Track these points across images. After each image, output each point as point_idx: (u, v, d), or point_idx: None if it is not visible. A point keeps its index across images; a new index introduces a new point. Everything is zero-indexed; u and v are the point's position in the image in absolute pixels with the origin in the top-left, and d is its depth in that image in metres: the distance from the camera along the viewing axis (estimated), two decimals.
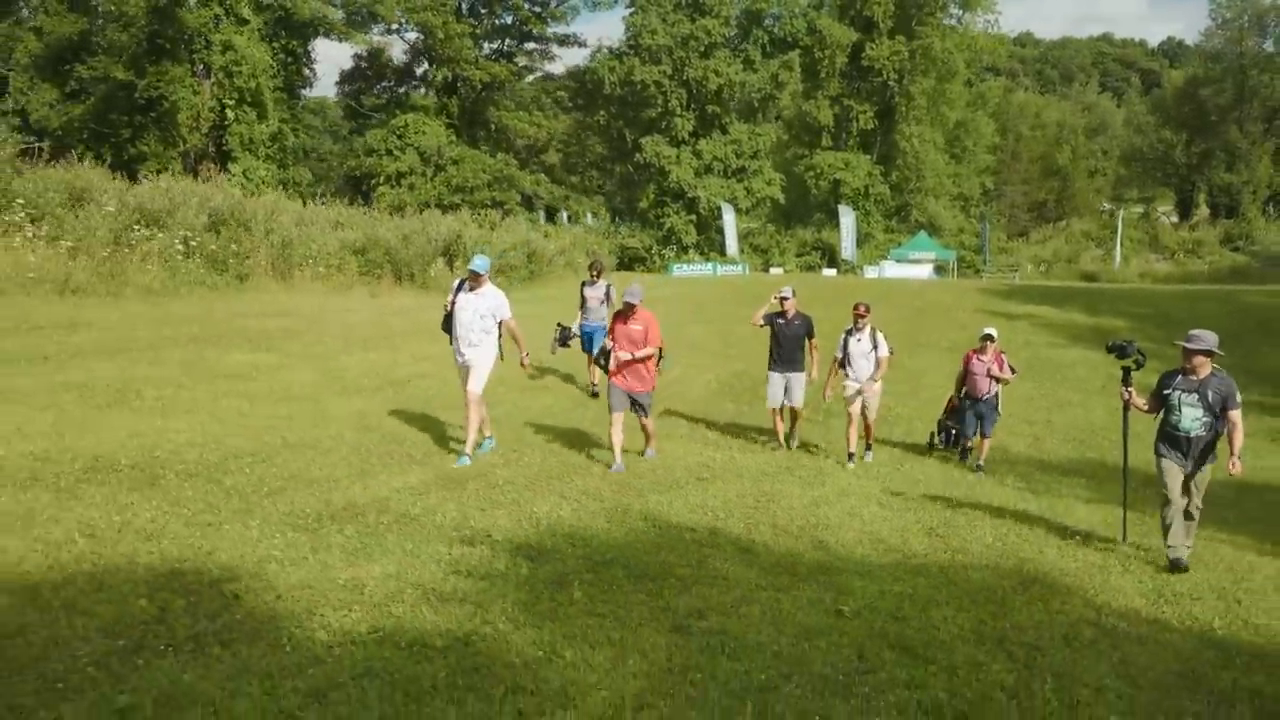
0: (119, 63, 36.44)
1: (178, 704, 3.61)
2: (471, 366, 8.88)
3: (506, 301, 9.06)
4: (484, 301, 8.90)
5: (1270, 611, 6.11)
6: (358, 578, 5.21)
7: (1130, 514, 7.93)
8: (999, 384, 11.01)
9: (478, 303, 8.88)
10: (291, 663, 4.05)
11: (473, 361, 8.89)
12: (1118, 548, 7.61)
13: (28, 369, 10.62)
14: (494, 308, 8.92)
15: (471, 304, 8.88)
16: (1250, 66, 66.65)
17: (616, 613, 5.06)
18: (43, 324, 13.18)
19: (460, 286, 9.04)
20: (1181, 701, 4.60)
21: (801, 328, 10.69)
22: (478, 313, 8.87)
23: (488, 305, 8.90)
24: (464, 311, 8.89)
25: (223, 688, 3.77)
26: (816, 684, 4.35)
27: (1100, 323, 25.58)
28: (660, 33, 49.11)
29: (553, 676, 4.16)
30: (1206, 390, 7.15)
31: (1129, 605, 6.16)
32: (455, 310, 8.95)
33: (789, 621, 5.17)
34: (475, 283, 8.90)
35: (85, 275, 16.08)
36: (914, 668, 4.64)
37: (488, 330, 8.92)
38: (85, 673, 3.83)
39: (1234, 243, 56.07)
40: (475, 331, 8.88)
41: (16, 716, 3.53)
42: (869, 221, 54.02)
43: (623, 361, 9.11)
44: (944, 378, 15.42)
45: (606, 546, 6.28)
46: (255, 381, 11.92)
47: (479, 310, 8.87)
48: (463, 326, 8.92)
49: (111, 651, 4.03)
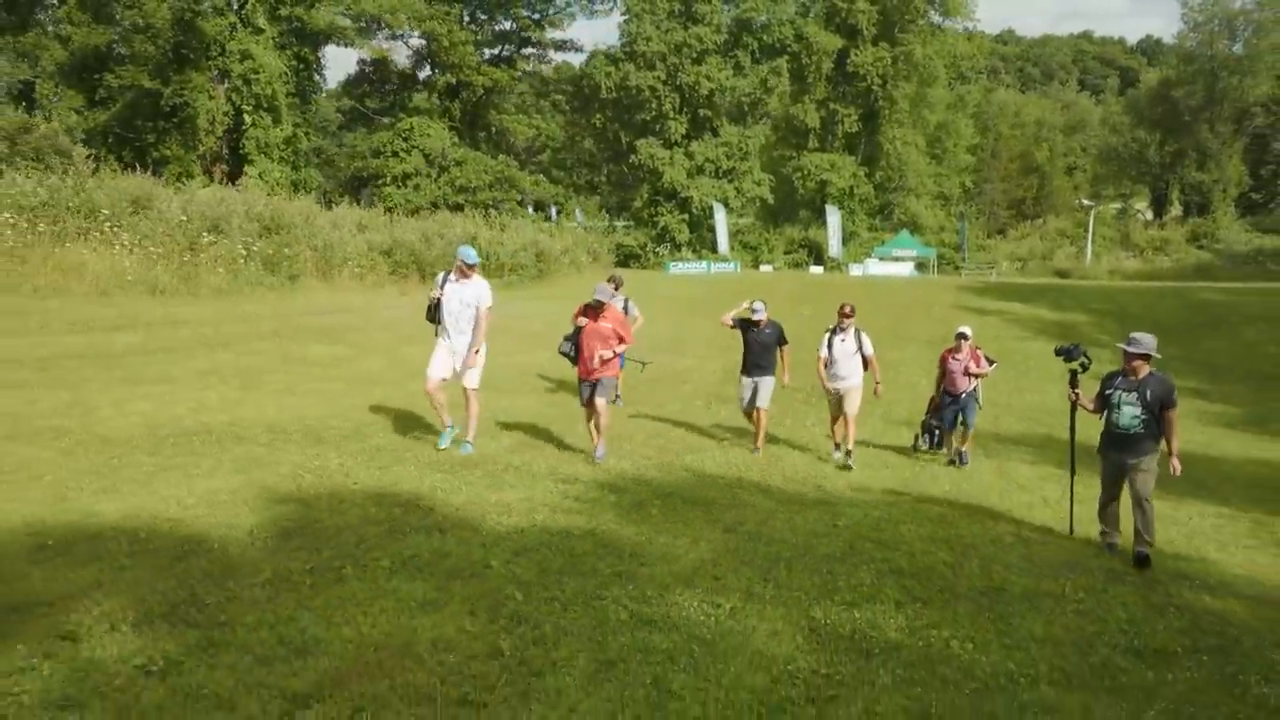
0: (145, 71, 38.47)
1: (432, 558, 5.91)
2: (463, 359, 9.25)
3: (489, 291, 9.29)
4: (470, 291, 9.15)
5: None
6: (503, 500, 7.52)
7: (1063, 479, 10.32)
8: (978, 379, 11.34)
9: (464, 292, 9.13)
10: (490, 539, 6.37)
11: (463, 350, 9.22)
12: (1044, 493, 9.99)
13: (165, 359, 12.87)
14: (478, 296, 9.15)
15: (458, 294, 9.14)
16: (1220, 69, 68.82)
17: (683, 522, 7.38)
18: (151, 321, 15.43)
19: (446, 278, 9.28)
20: (1066, 575, 6.95)
21: (772, 335, 11.00)
22: (465, 302, 9.12)
23: (473, 294, 9.15)
24: (451, 301, 9.15)
25: (454, 551, 6.07)
26: (822, 559, 6.68)
27: (1064, 318, 28.17)
28: (655, 39, 51.43)
29: (653, 551, 6.49)
30: (1145, 390, 7.55)
31: (1043, 525, 8.56)
32: (444, 300, 9.17)
33: (800, 529, 7.51)
34: (464, 273, 9.15)
35: (169, 278, 18.32)
36: (885, 552, 6.99)
37: (475, 319, 9.20)
38: (368, 543, 6.12)
39: (1200, 241, 58.69)
40: (464, 320, 9.15)
41: (329, 568, 5.79)
42: (854, 220, 56.55)
43: (604, 359, 9.41)
44: (922, 369, 17.84)
45: (664, 486, 8.61)
46: (340, 369, 14.19)
47: (465, 300, 9.13)
48: (451, 315, 9.18)
49: (376, 533, 6.33)
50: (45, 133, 24.65)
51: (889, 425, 13.75)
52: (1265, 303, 29.92)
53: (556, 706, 3.88)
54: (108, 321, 14.90)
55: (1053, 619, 5.73)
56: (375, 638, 4.44)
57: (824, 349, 10.89)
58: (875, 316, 22.46)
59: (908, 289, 34.87)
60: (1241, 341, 25.02)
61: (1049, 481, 10.62)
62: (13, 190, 17.68)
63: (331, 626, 4.54)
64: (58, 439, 8.05)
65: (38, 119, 26.58)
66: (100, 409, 9.50)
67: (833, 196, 55.13)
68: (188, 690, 3.78)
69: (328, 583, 5.22)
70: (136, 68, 38.69)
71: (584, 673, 4.25)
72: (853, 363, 10.77)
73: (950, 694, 4.40)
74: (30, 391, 9.97)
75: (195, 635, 4.31)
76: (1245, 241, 53.85)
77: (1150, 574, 7.12)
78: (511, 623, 4.78)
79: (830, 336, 10.89)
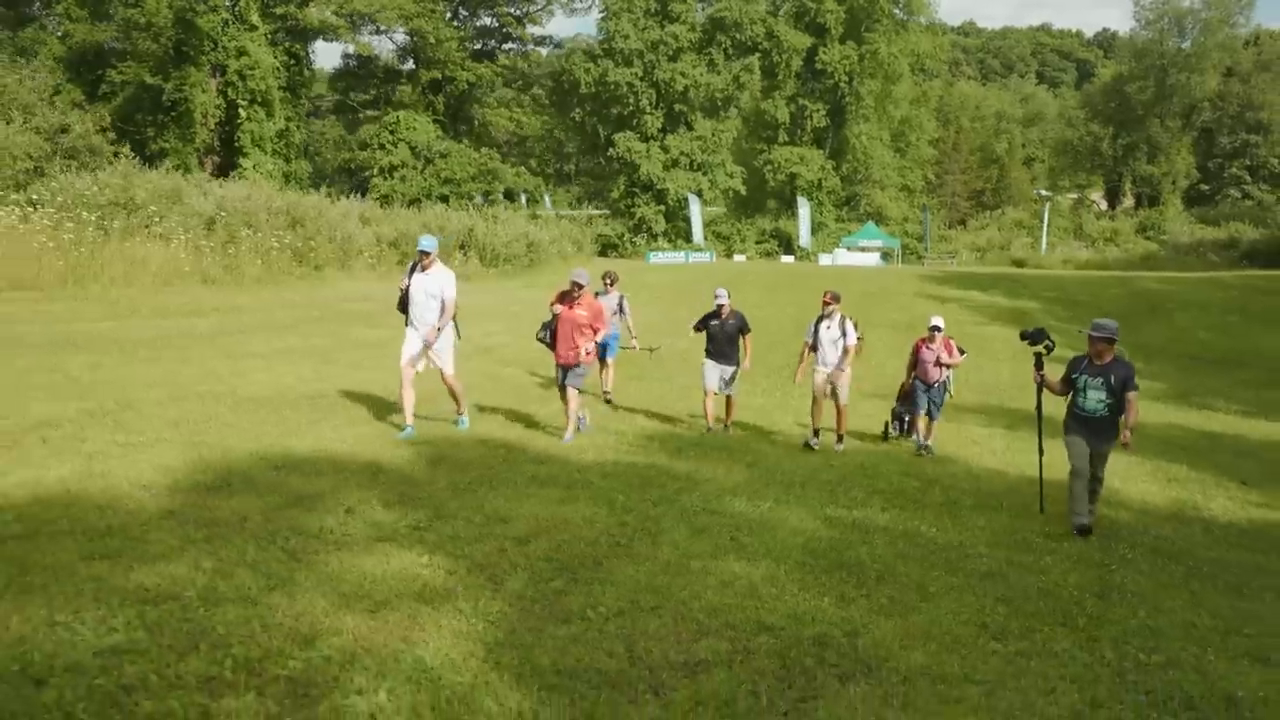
0: (147, 67, 40.01)
1: (547, 478, 8.10)
2: (434, 351, 9.42)
3: (453, 281, 9.37)
4: (433, 281, 9.20)
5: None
6: (593, 441, 9.76)
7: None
8: (949, 369, 11.63)
9: (427, 283, 9.18)
10: (582, 467, 8.59)
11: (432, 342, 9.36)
12: (992, 446, 12.37)
13: (246, 339, 14.92)
14: (441, 287, 9.22)
15: (422, 284, 9.18)
16: (1170, 65, 71.73)
17: (714, 461, 9.64)
18: (216, 307, 17.44)
19: (414, 268, 9.34)
20: (1005, 496, 9.28)
21: (735, 326, 11.30)
22: (428, 293, 9.18)
23: (436, 285, 9.20)
24: (417, 292, 9.21)
25: (560, 474, 8.28)
26: (824, 484, 8.97)
27: (1017, 305, 30.74)
28: (632, 37, 53.49)
29: (700, 476, 8.73)
30: (1110, 374, 7.80)
31: (990, 467, 10.93)
32: (410, 292, 9.24)
33: (804, 466, 9.81)
34: (425, 262, 9.21)
35: (215, 269, 20.29)
36: (870, 480, 9.29)
37: (440, 311, 9.28)
38: (495, 469, 8.31)
39: (1147, 232, 61.90)
40: (430, 311, 9.22)
41: (480, 482, 7.95)
42: (821, 211, 59.11)
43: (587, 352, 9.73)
44: (889, 352, 20.16)
45: (691, 438, 10.88)
46: (388, 349, 16.14)
47: (429, 291, 9.18)
48: (417, 306, 9.24)
49: (496, 462, 8.52)
50: (80, 132, 26.39)
51: (860, 398, 16.11)
52: (1199, 291, 32.70)
53: (675, 547, 6.14)
54: (181, 308, 16.89)
55: (993, 517, 8.09)
56: (543, 515, 6.66)
57: (809, 336, 11.19)
58: (844, 303, 24.75)
59: (874, 277, 37.33)
60: (1175, 326, 27.76)
61: (996, 439, 13.00)
62: (85, 189, 19.53)
63: (512, 509, 6.76)
64: (217, 401, 10.14)
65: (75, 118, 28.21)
66: (228, 378, 11.58)
67: (802, 189, 57.66)
68: (447, 535, 5.98)
69: (486, 490, 7.43)
70: (138, 64, 40.22)
71: (685, 533, 6.51)
72: (838, 350, 11.03)
73: (921, 550, 6.71)
74: (163, 365, 12.02)
75: (426, 512, 6.51)
76: (1189, 233, 57.00)
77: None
78: (624, 511, 7.02)
79: (816, 324, 11.14)
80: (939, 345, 11.46)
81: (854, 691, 3.98)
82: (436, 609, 4.61)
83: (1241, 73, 74.41)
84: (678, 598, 5.06)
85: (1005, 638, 4.88)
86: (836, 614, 4.99)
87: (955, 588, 5.77)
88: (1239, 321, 28.34)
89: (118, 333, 14.10)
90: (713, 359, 11.36)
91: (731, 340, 11.30)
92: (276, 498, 6.56)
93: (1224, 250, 50.80)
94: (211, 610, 4.34)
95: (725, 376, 11.34)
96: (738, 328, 11.28)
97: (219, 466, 7.28)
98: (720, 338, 11.30)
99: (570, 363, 9.74)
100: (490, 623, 4.52)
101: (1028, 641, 4.86)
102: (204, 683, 3.63)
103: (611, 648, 4.29)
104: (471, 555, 5.57)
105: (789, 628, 4.69)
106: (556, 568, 5.47)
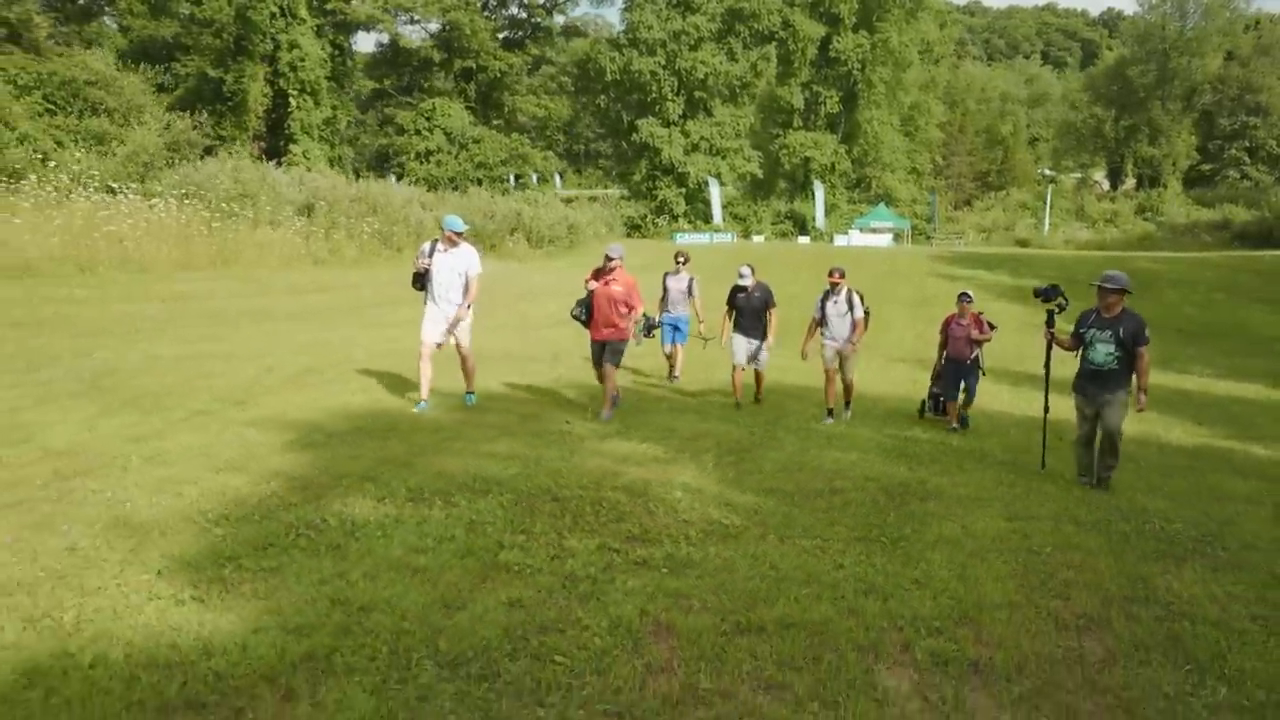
0: (209, 60, 42.89)
1: (663, 428, 11.08)
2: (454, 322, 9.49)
3: (478, 259, 9.49)
4: (459, 259, 9.29)
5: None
6: (668, 425, 12.73)
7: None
8: (979, 346, 11.41)
9: (454, 261, 9.25)
10: (703, 403, 11.57)
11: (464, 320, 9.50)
12: (999, 397, 15.33)
13: (376, 312, 17.84)
14: (467, 264, 9.32)
15: (448, 262, 9.24)
16: (1172, 49, 74.20)
17: (788, 405, 12.61)
18: (333, 285, 20.39)
19: (433, 247, 9.33)
20: (1023, 433, 12.22)
21: (761, 300, 11.38)
22: (455, 270, 9.26)
23: (463, 263, 9.30)
24: (441, 271, 9.25)
25: (695, 408, 11.25)
26: (876, 418, 11.94)
27: (1020, 283, 33.57)
28: (655, 28, 56.24)
29: (790, 411, 11.69)
30: (1119, 327, 7.71)
31: (1002, 411, 13.90)
32: (433, 270, 9.26)
33: (856, 407, 12.80)
34: (451, 242, 9.25)
35: (322, 252, 23.24)
36: (874, 427, 12.26)
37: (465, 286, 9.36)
38: (624, 409, 11.29)
39: (1146, 214, 64.66)
40: (454, 290, 9.32)
41: (621, 419, 10.91)
42: (834, 194, 61.98)
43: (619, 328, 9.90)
44: (905, 326, 23.01)
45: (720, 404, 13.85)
46: (493, 318, 19.17)
47: (455, 268, 9.26)
48: (442, 285, 9.29)
49: (627, 403, 11.50)
50: (181, 127, 29.27)
51: (887, 363, 19.06)
52: (1189, 270, 35.59)
53: (793, 446, 9.13)
54: (307, 285, 19.89)
55: (1003, 436, 11.08)
56: (697, 428, 9.66)
57: (817, 311, 11.17)
58: (860, 281, 27.68)
59: (887, 257, 40.24)
60: (1164, 303, 30.61)
61: (1003, 393, 15.94)
62: (201, 180, 22.51)
63: (674, 424, 9.76)
64: (384, 357, 13.02)
65: (185, 117, 31.15)
66: (379, 343, 14.51)
67: (815, 172, 60.55)
68: (642, 436, 8.96)
69: (646, 415, 10.42)
70: (200, 57, 43.08)
71: (796, 440, 9.51)
72: (846, 324, 11.03)
73: (954, 452, 9.69)
74: (316, 333, 14.97)
75: (616, 425, 9.49)
76: (1185, 215, 59.80)
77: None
78: (748, 428, 10.01)
79: (823, 299, 11.12)
80: (969, 321, 11.27)
81: (930, 505, 6.96)
82: (672, 466, 7.63)
83: (1241, 56, 76.60)
84: (810, 465, 8.09)
85: (1014, 486, 7.90)
86: (909, 474, 8.01)
87: (980, 467, 8.80)
88: (1224, 299, 31.12)
89: (269, 306, 17.09)
90: (740, 333, 11.53)
91: (758, 314, 11.43)
92: (512, 416, 9.55)
93: (1217, 231, 53.62)
94: (549, 461, 7.35)
95: (751, 350, 11.52)
96: (763, 301, 11.42)
97: (458, 396, 10.26)
98: (747, 311, 11.42)
99: (606, 339, 9.90)
100: (709, 469, 7.54)
101: (1027, 487, 7.88)
102: (557, 488, 6.62)
103: (782, 483, 7.30)
104: (668, 442, 8.60)
105: (882, 478, 7.71)
106: (726, 450, 8.51)
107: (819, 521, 6.25)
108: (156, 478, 6.14)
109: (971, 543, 5.96)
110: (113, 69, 31.02)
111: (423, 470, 6.79)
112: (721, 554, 5.36)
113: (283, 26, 46.26)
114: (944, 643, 4.35)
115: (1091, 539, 6.29)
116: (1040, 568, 5.57)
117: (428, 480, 6.49)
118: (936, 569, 5.37)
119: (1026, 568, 5.55)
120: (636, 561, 5.15)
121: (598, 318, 9.86)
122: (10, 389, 8.81)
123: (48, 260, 16.87)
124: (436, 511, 5.75)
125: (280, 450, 7.23)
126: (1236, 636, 4.66)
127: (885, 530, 6.11)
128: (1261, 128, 76.24)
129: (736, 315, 11.47)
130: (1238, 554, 6.06)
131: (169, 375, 10.13)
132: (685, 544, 5.52)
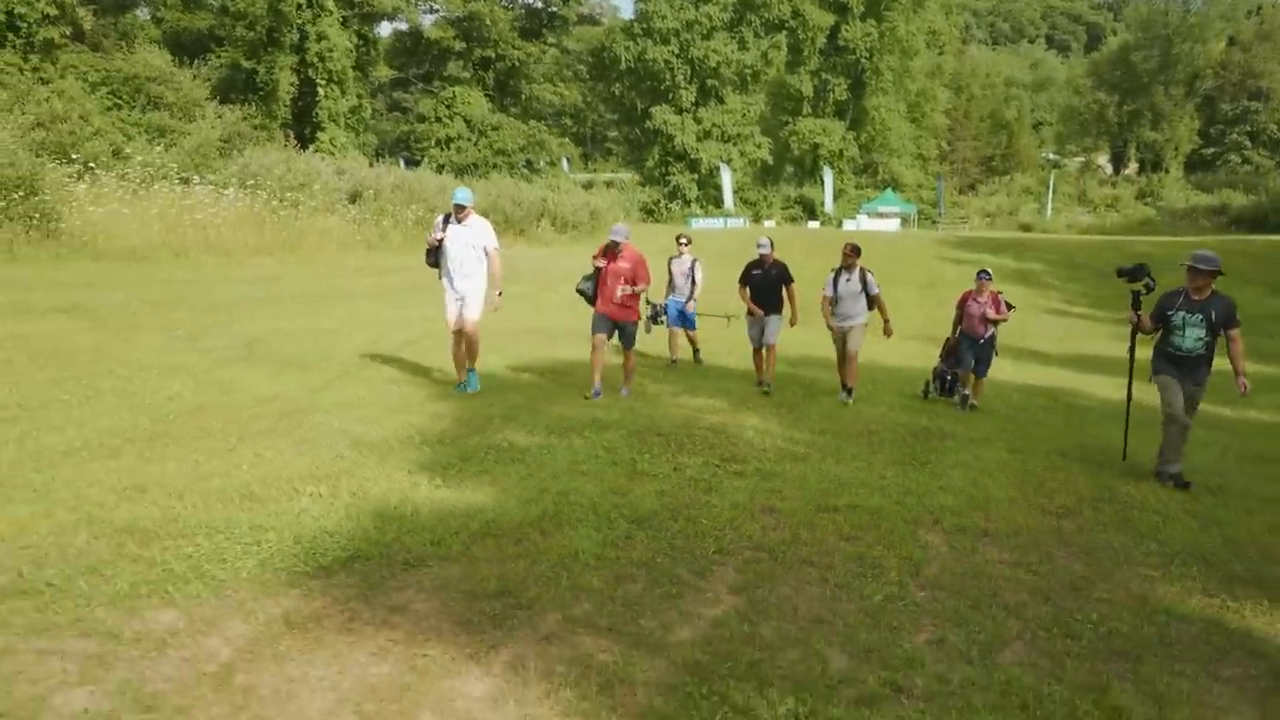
0: (242, 52, 44.57)
1: (715, 389, 12.89)
2: (466, 297, 9.34)
3: (492, 231, 9.43)
4: (473, 233, 9.21)
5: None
6: (724, 388, 14.54)
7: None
8: (995, 325, 11.42)
9: (467, 235, 9.17)
10: (718, 380, 13.39)
11: (467, 292, 9.33)
12: (1004, 370, 17.15)
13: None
14: (483, 237, 9.25)
15: (461, 236, 9.17)
16: (1174, 34, 75.44)
17: (816, 376, 14.42)
18: (387, 269, 22.17)
19: (446, 221, 9.30)
20: (1027, 398, 14.03)
21: (777, 275, 11.34)
22: (469, 244, 9.18)
23: (477, 236, 9.23)
24: (455, 245, 9.19)
25: (723, 383, 13.06)
26: (892, 390, 13.76)
27: (1024, 267, 35.40)
28: (669, 17, 57.80)
29: (785, 401, 13.51)
30: (1210, 310, 7.41)
31: (1006, 380, 15.72)
32: (446, 245, 9.21)
33: (871, 381, 14.60)
34: (461, 215, 9.16)
35: (374, 237, 25.03)
36: (894, 392, 14.07)
37: (480, 260, 9.28)
38: (671, 378, 13.10)
39: (1146, 198, 66.27)
40: (469, 262, 9.25)
41: (670, 385, 12.73)
42: (842, 179, 63.65)
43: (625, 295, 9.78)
44: (914, 306, 24.77)
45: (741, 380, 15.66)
46: (526, 302, 20.97)
47: (469, 241, 9.18)
48: (455, 260, 9.23)
49: (683, 374, 13.32)
50: (232, 119, 31.00)
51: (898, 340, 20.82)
52: (1186, 254, 37.17)
53: (822, 405, 10.95)
54: (370, 268, 21.69)
55: (1007, 399, 12.90)
56: (734, 390, 11.49)
57: (829, 288, 11.07)
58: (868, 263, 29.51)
59: (896, 241, 41.95)
60: (1161, 286, 32.36)
61: (1006, 367, 17.81)
62: (259, 170, 24.30)
63: (711, 393, 11.58)
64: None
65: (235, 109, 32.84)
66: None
67: (824, 158, 62.20)
68: (692, 393, 10.79)
69: (691, 382, 12.24)
70: (234, 49, 44.75)
71: (825, 406, 11.33)
72: (858, 303, 10.97)
73: (965, 415, 11.51)
74: (396, 310, 16.75)
75: (647, 403, 11.31)
76: (1184, 200, 61.41)
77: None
78: (780, 400, 11.82)
79: (835, 276, 11.02)
80: (986, 298, 11.23)
81: (948, 443, 8.79)
82: (739, 413, 9.46)
83: (1243, 41, 77.84)
84: (848, 415, 9.94)
85: (1015, 433, 9.74)
86: (929, 422, 9.86)
87: (988, 420, 10.64)
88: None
89: (341, 288, 18.91)
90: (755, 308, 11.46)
91: (774, 289, 11.34)
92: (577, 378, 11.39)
93: (1215, 216, 55.29)
94: (641, 409, 9.17)
95: (765, 326, 11.48)
96: (779, 276, 11.33)
97: (532, 364, 12.08)
98: (764, 286, 11.33)
99: (617, 320, 9.93)
100: (769, 417, 9.38)
101: (1025, 433, 9.72)
102: (657, 426, 8.44)
103: (829, 426, 9.14)
104: (729, 398, 10.45)
105: (909, 425, 9.55)
106: (777, 406, 10.35)
107: (863, 450, 8.11)
108: (355, 416, 7.97)
109: (981, 465, 7.82)
110: (170, 65, 32.72)
111: (547, 415, 8.61)
112: (795, 469, 7.20)
113: (310, 18, 47.84)
114: (963, 519, 6.21)
115: (1074, 465, 8.15)
116: (1033, 480, 7.44)
117: (554, 422, 8.30)
118: (956, 480, 7.23)
119: (1023, 480, 7.42)
120: (734, 473, 6.99)
121: (604, 292, 9.78)
122: (191, 353, 10.64)
123: (147, 246, 18.66)
124: (576, 440, 7.58)
125: (429, 400, 9.08)
126: (1169, 519, 6.53)
127: (915, 457, 7.97)
128: (1263, 112, 77.58)
129: (751, 292, 11.41)
130: (1188, 476, 7.90)
131: (302, 344, 11.96)
132: (768, 461, 7.37)
